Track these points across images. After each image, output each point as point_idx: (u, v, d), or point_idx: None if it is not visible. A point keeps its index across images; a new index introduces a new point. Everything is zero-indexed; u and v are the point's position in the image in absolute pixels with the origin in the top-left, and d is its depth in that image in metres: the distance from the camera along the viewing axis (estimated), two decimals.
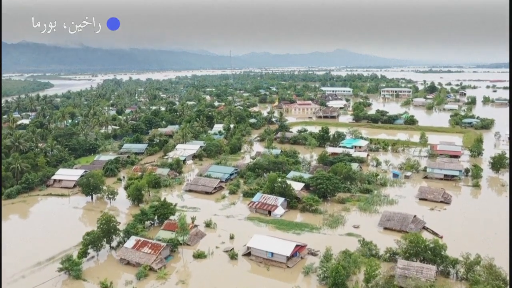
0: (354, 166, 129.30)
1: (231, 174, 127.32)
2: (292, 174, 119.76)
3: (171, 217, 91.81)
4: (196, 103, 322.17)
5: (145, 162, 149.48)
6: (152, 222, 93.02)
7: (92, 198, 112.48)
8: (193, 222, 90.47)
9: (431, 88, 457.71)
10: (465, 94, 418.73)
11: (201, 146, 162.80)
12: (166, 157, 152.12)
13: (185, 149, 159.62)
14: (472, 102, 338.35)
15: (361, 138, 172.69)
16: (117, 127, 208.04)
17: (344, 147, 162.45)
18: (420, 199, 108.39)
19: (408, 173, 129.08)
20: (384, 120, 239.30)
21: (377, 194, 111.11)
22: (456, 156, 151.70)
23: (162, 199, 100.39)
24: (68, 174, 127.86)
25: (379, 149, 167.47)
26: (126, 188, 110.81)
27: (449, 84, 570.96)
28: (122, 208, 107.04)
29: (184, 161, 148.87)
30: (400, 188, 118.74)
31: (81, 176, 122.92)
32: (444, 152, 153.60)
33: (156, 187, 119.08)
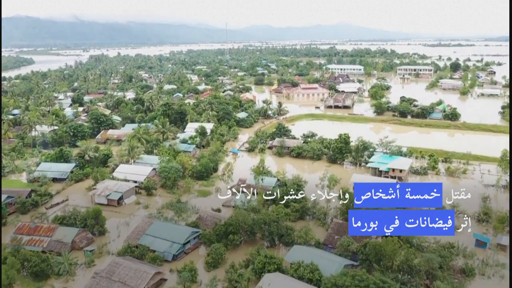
0: None
1: (184, 244, 70.53)
2: (296, 253, 62.96)
3: None
4: (177, 87, 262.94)
5: (53, 204, 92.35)
6: None
7: None
8: None
9: (455, 66, 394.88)
10: (494, 72, 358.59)
11: (154, 169, 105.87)
12: (93, 191, 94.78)
13: (129, 174, 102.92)
14: None
15: (400, 153, 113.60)
16: (55, 127, 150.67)
17: (375, 169, 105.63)
18: None
19: (503, 239, 72.01)
20: (415, 113, 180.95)
21: None
22: None
23: None
24: None
25: (427, 170, 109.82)
26: None
27: (469, 60, 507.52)
28: None
29: (121, 199, 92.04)
30: (502, 281, 61.96)
31: None
32: None
33: (40, 277, 62.99)
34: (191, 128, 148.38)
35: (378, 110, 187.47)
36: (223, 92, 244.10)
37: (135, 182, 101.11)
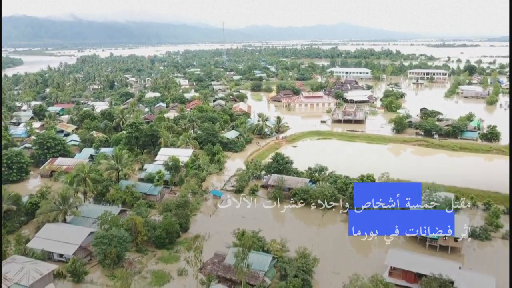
0: None
1: None
2: None
3: None
4: (162, 95, 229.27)
5: None
6: None
7: None
8: None
9: (470, 69, 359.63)
10: None
11: (91, 233, 72.19)
12: None
13: (52, 243, 69.34)
14: None
15: (449, 205, 79.54)
16: None
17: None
18: None
19: None
20: (443, 131, 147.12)
21: None
22: None
23: None
24: None
25: (488, 233, 75.74)
26: None
27: (480, 61, 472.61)
28: None
29: None
30: None
31: None
32: None
33: None
34: (164, 156, 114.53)
35: (398, 127, 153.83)
36: (214, 101, 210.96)
37: (62, 256, 67.90)
